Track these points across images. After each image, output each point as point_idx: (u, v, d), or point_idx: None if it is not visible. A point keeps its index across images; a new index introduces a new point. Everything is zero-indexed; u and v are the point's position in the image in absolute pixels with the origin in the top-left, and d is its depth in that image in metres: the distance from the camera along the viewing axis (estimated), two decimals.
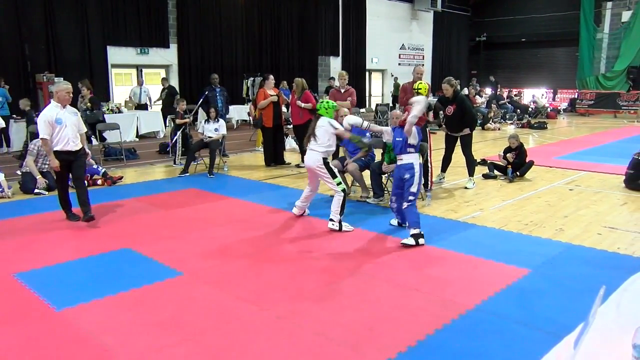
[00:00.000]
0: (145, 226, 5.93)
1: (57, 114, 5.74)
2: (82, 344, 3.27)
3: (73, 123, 5.87)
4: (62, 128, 5.75)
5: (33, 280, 4.28)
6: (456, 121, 7.53)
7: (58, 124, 5.73)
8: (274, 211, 6.51)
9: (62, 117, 5.76)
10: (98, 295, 3.98)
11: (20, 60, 13.31)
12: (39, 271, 4.51)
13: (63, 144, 5.77)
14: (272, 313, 3.70)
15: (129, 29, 15.17)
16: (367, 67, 22.78)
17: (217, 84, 11.32)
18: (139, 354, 3.15)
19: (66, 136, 5.78)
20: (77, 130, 5.96)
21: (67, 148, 5.81)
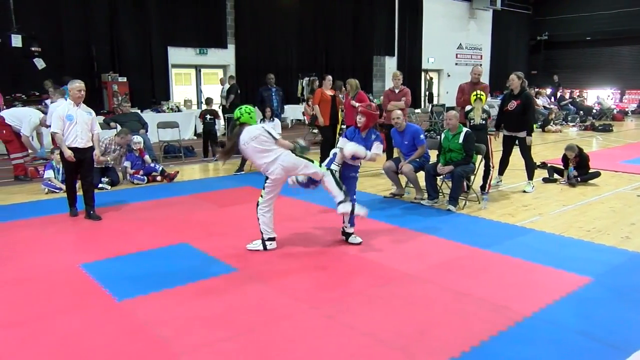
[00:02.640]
0: (202, 222, 6.08)
1: (68, 110, 6.00)
2: (139, 334, 3.39)
3: (84, 121, 6.08)
4: (72, 124, 5.97)
5: (96, 271, 4.48)
6: (516, 118, 7.24)
7: (68, 120, 5.95)
8: (326, 210, 6.52)
9: (74, 114, 6.00)
10: (156, 288, 4.12)
11: (87, 61, 13.95)
12: (102, 262, 4.70)
13: (71, 140, 6.01)
14: (323, 312, 3.71)
15: (188, 30, 15.60)
16: (422, 67, 22.47)
17: (273, 83, 11.48)
18: (192, 347, 3.23)
19: (75, 133, 5.99)
20: (89, 129, 6.17)
21: (74, 144, 6.01)
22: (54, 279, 4.34)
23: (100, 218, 6.19)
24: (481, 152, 6.78)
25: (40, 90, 11.85)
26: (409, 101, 8.61)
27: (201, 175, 9.15)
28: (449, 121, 6.62)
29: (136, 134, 9.08)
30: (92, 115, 6.26)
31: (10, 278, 4.35)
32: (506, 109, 7.35)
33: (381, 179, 8.24)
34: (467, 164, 6.50)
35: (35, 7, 12.82)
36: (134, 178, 8.26)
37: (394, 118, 6.99)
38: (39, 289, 4.14)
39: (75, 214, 6.29)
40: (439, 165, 6.60)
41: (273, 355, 3.15)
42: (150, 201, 7.06)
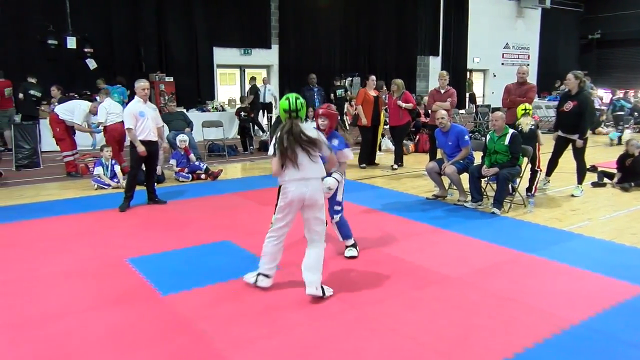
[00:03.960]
0: (244, 220, 6.16)
1: (140, 107, 6.44)
2: (181, 329, 3.47)
3: (152, 116, 6.54)
4: (144, 120, 6.42)
5: (142, 265, 4.60)
6: (572, 120, 6.95)
7: (141, 117, 6.41)
8: (367, 211, 6.50)
9: (145, 110, 6.45)
10: (199, 284, 4.20)
11: (136, 61, 14.36)
12: (147, 257, 4.83)
13: (145, 135, 6.45)
14: (364, 313, 3.70)
15: (233, 30, 15.82)
16: (467, 66, 22.07)
17: (315, 84, 11.51)
18: (233, 343, 3.28)
19: (147, 127, 6.46)
20: (156, 122, 6.62)
21: (148, 138, 6.49)
22: (102, 272, 4.48)
23: (166, 202, 6.80)
24: (528, 154, 6.60)
25: (92, 89, 12.27)
26: (454, 102, 8.49)
27: (244, 174, 9.27)
28: (494, 122, 6.48)
29: (181, 132, 9.28)
30: (156, 111, 6.74)
31: (61, 271, 4.52)
32: (562, 110, 7.11)
33: (423, 180, 8.15)
34: (513, 166, 6.35)
35: (89, 10, 13.29)
36: (179, 175, 8.45)
37: (438, 118, 6.91)
38: (88, 282, 4.28)
39: (125, 210, 6.48)
40: (484, 167, 6.48)
41: (313, 354, 3.16)
42: (194, 199, 7.21)
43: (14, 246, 5.19)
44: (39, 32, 12.38)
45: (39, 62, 12.46)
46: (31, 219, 6.15)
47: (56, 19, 12.71)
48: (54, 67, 12.68)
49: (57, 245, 5.19)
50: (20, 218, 6.15)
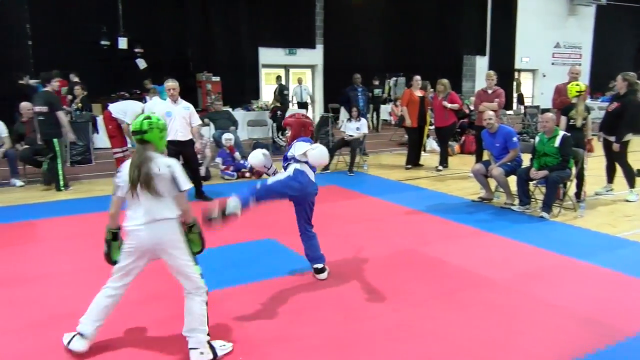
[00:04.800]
0: (287, 219, 6.15)
1: (167, 107, 6.45)
2: (225, 324, 3.53)
3: (182, 116, 6.51)
4: (171, 120, 6.36)
5: None
6: (612, 121, 6.74)
7: (168, 117, 6.33)
8: (411, 212, 6.44)
9: (172, 110, 6.44)
10: (243, 280, 4.27)
11: (183, 61, 14.69)
12: None
13: (172, 135, 6.39)
14: (404, 315, 3.67)
15: (278, 31, 15.97)
16: (516, 66, 21.53)
17: (359, 83, 11.47)
18: (274, 340, 3.32)
19: (175, 128, 6.39)
20: (187, 123, 6.56)
21: (175, 138, 6.41)
22: (150, 266, 4.58)
23: (212, 199, 6.71)
24: (579, 157, 6.39)
25: (141, 89, 12.62)
26: (502, 103, 8.30)
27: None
28: (544, 124, 6.29)
29: (227, 131, 9.43)
30: (189, 110, 6.66)
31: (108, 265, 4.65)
32: (607, 110, 6.91)
33: (469, 182, 8.00)
34: (563, 169, 6.15)
35: (139, 12, 13.70)
36: (224, 174, 8.59)
37: (485, 119, 6.77)
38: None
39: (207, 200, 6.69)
40: (532, 169, 6.30)
41: (352, 354, 3.16)
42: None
43: (69, 239, 5.40)
44: (92, 33, 12.84)
45: (92, 62, 12.91)
46: (86, 213, 6.38)
47: (109, 21, 13.16)
48: (106, 67, 13.12)
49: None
50: (75, 212, 6.39)
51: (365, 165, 9.49)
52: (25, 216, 6.24)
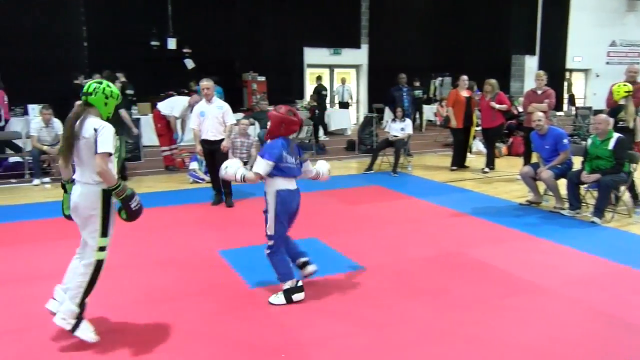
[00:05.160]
0: (331, 218, 6.22)
1: (201, 107, 6.64)
2: (268, 322, 3.56)
3: (214, 116, 6.59)
4: (204, 120, 6.54)
5: (233, 257, 4.78)
6: None
7: (201, 116, 6.57)
8: (456, 214, 6.34)
9: (205, 110, 6.58)
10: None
11: (230, 61, 14.92)
12: (237, 250, 5.01)
13: (204, 134, 6.56)
14: (448, 318, 3.61)
15: (323, 31, 16.01)
16: (567, 66, 20.85)
17: (405, 83, 11.38)
18: (317, 338, 3.33)
19: (207, 127, 6.54)
20: (220, 122, 6.61)
21: (206, 137, 6.55)
22: (196, 262, 4.71)
23: (232, 205, 6.70)
24: (636, 160, 6.13)
25: (189, 88, 12.91)
26: (552, 103, 8.06)
27: (331, 173, 9.31)
28: (597, 125, 6.07)
29: None
30: (222, 109, 6.71)
31: (155, 260, 4.79)
32: None
33: (517, 185, 7.81)
34: (617, 173, 5.92)
35: (188, 13, 14.02)
36: None
37: (534, 120, 6.60)
38: (183, 270, 4.51)
39: (218, 203, 6.76)
40: (584, 173, 6.09)
41: (394, 355, 3.14)
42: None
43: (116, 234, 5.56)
44: (143, 34, 13.24)
45: (142, 62, 13.30)
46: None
47: (159, 22, 13.52)
48: (155, 67, 13.48)
49: (154, 234, 5.51)
50: None
51: (409, 166, 9.41)
52: None
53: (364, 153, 10.96)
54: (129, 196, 3.22)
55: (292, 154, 3.89)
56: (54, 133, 8.29)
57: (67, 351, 3.16)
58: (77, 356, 3.11)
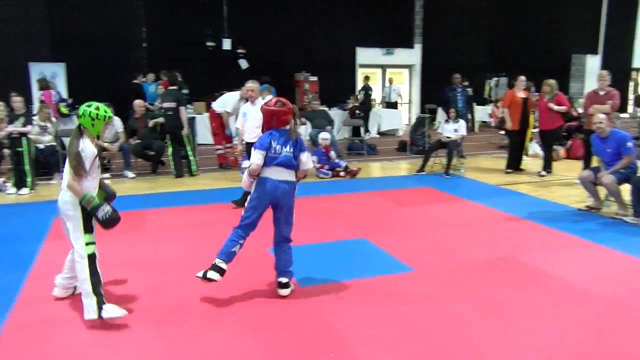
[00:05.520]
0: (380, 219, 6.18)
1: (245, 108, 6.75)
2: (315, 322, 3.57)
3: (254, 118, 6.44)
4: (246, 121, 6.57)
5: None
6: None
7: (244, 117, 6.64)
8: (510, 218, 6.16)
9: (248, 111, 6.62)
10: (335, 278, 4.29)
11: (283, 61, 15.08)
12: None
13: (245, 136, 6.59)
14: (499, 324, 3.51)
15: (376, 30, 15.93)
16: (633, 65, 19.86)
17: (459, 83, 11.16)
18: (364, 340, 3.31)
19: (247, 128, 6.56)
20: (257, 126, 6.46)
21: (246, 139, 6.52)
22: (246, 259, 4.75)
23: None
24: None
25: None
26: (616, 105, 7.70)
27: (382, 174, 9.30)
28: None
29: (323, 130, 9.56)
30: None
31: (208, 255, 4.88)
32: None
33: (575, 189, 7.51)
34: None
35: (243, 14, 14.27)
36: (319, 172, 8.72)
37: (595, 122, 6.33)
38: (234, 267, 4.56)
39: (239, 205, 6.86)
40: None
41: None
42: (333, 195, 7.40)
43: (172, 229, 5.74)
44: (199, 35, 13.58)
45: (198, 62, 13.65)
46: (189, 205, 6.76)
47: (215, 23, 13.83)
48: (211, 67, 13.80)
49: (210, 230, 5.63)
50: (179, 204, 6.78)
51: (462, 168, 9.22)
52: (135, 206, 6.71)
53: (416, 154, 10.84)
54: (95, 207, 3.53)
55: (286, 144, 3.89)
56: (113, 131, 8.64)
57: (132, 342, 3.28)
58: (150, 345, 3.23)
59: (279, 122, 3.92)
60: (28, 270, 4.50)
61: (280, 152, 3.85)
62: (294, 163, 3.91)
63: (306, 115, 10.80)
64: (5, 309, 3.72)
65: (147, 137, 8.90)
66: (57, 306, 3.81)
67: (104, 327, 3.46)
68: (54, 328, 3.48)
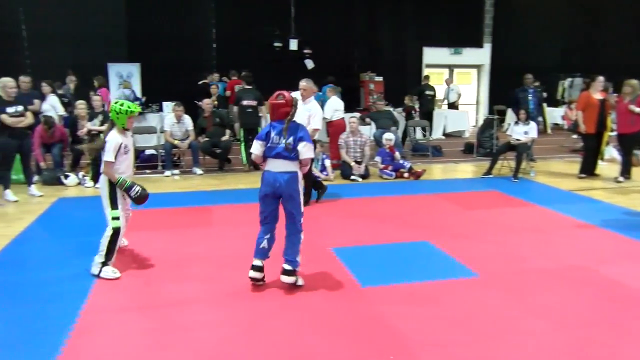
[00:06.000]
0: (444, 222, 6.06)
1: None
2: (376, 323, 3.54)
3: (302, 116, 6.38)
4: None
5: (345, 255, 4.82)
6: None
7: None
8: (583, 226, 5.87)
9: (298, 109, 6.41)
10: (397, 280, 4.25)
11: (348, 61, 15.11)
12: (350, 249, 5.05)
13: None
14: (567, 334, 3.36)
15: (444, 30, 15.65)
16: None
17: (531, 84, 10.75)
18: (427, 344, 3.25)
19: None
20: (306, 123, 6.41)
21: None
22: (308, 258, 4.78)
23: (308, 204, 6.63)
24: None
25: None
26: None
27: (447, 176, 9.11)
28: None
29: (387, 131, 9.48)
30: (310, 112, 6.63)
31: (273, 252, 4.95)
32: None
33: None
34: None
35: (310, 15, 14.40)
36: (383, 173, 8.66)
37: None
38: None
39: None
40: None
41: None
42: (396, 196, 7.32)
43: (236, 225, 5.86)
44: (267, 36, 13.84)
45: (265, 63, 13.89)
46: (255, 202, 6.86)
47: (282, 24, 14.05)
48: (277, 67, 14.01)
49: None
50: (243, 201, 6.91)
51: (532, 171, 8.88)
52: (202, 202, 6.92)
53: (483, 156, 10.55)
54: (128, 187, 4.33)
55: (286, 135, 3.97)
56: (184, 128, 8.95)
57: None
58: (228, 333, 3.34)
59: (278, 114, 4.06)
60: None
61: (278, 143, 3.97)
62: (289, 154, 3.96)
63: (371, 116, 10.75)
64: (83, 295, 3.94)
65: (215, 135, 9.16)
66: (128, 294, 3.99)
67: (164, 314, 3.60)
68: (127, 314, 3.66)
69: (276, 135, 4.00)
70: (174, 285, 4.15)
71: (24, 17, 12.70)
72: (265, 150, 4.02)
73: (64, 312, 3.67)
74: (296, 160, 3.98)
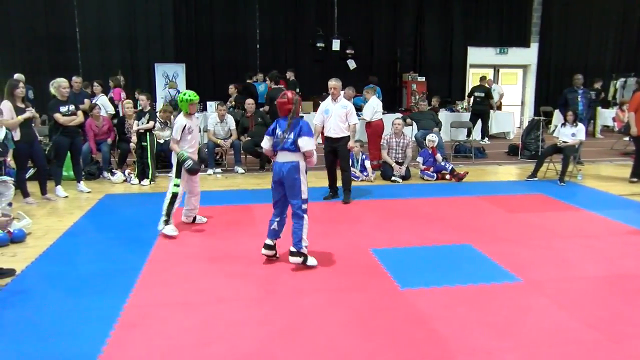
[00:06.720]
0: (487, 225, 5.94)
1: (326, 105, 6.99)
2: (416, 325, 3.50)
3: (338, 114, 6.85)
4: (328, 118, 6.87)
5: (385, 257, 4.79)
6: None
7: (325, 114, 6.91)
8: (635, 232, 5.65)
9: (330, 108, 6.89)
10: (437, 283, 4.19)
11: (391, 62, 15.01)
12: (390, 250, 5.02)
13: (327, 131, 6.92)
14: (625, 348, 3.22)
15: (490, 29, 15.35)
16: None
17: (580, 85, 10.41)
18: (469, 349, 3.19)
19: (329, 125, 6.87)
20: (342, 120, 6.84)
21: (329, 135, 6.91)
22: (349, 258, 4.81)
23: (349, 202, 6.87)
24: None
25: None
26: None
27: (490, 178, 8.93)
28: None
29: (430, 132, 9.37)
30: (347, 109, 6.94)
31: (315, 251, 4.97)
32: None
33: None
34: None
35: (353, 14, 14.39)
36: (424, 174, 8.56)
37: None
38: (337, 265, 4.64)
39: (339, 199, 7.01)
40: None
41: None
42: (438, 198, 7.22)
43: None
44: (310, 36, 13.90)
45: (308, 63, 13.97)
46: None
47: (325, 24, 14.08)
48: (319, 67, 14.06)
49: (312, 228, 5.73)
50: None
51: (579, 175, 8.60)
52: (244, 200, 7.01)
53: (528, 159, 10.29)
54: (183, 160, 5.36)
55: (289, 130, 4.43)
56: (227, 128, 9.09)
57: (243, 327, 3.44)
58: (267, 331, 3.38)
59: (282, 112, 4.55)
60: (148, 255, 4.86)
61: (282, 137, 4.45)
62: (292, 147, 4.41)
63: (412, 116, 10.65)
64: (127, 289, 4.05)
65: (257, 135, 9.26)
66: (170, 290, 4.08)
67: (206, 311, 3.66)
68: (169, 309, 3.74)
69: (281, 131, 4.48)
70: (216, 282, 4.23)
71: (77, 21, 13.19)
72: (273, 144, 4.52)
73: (109, 305, 3.79)
74: (298, 151, 4.43)
